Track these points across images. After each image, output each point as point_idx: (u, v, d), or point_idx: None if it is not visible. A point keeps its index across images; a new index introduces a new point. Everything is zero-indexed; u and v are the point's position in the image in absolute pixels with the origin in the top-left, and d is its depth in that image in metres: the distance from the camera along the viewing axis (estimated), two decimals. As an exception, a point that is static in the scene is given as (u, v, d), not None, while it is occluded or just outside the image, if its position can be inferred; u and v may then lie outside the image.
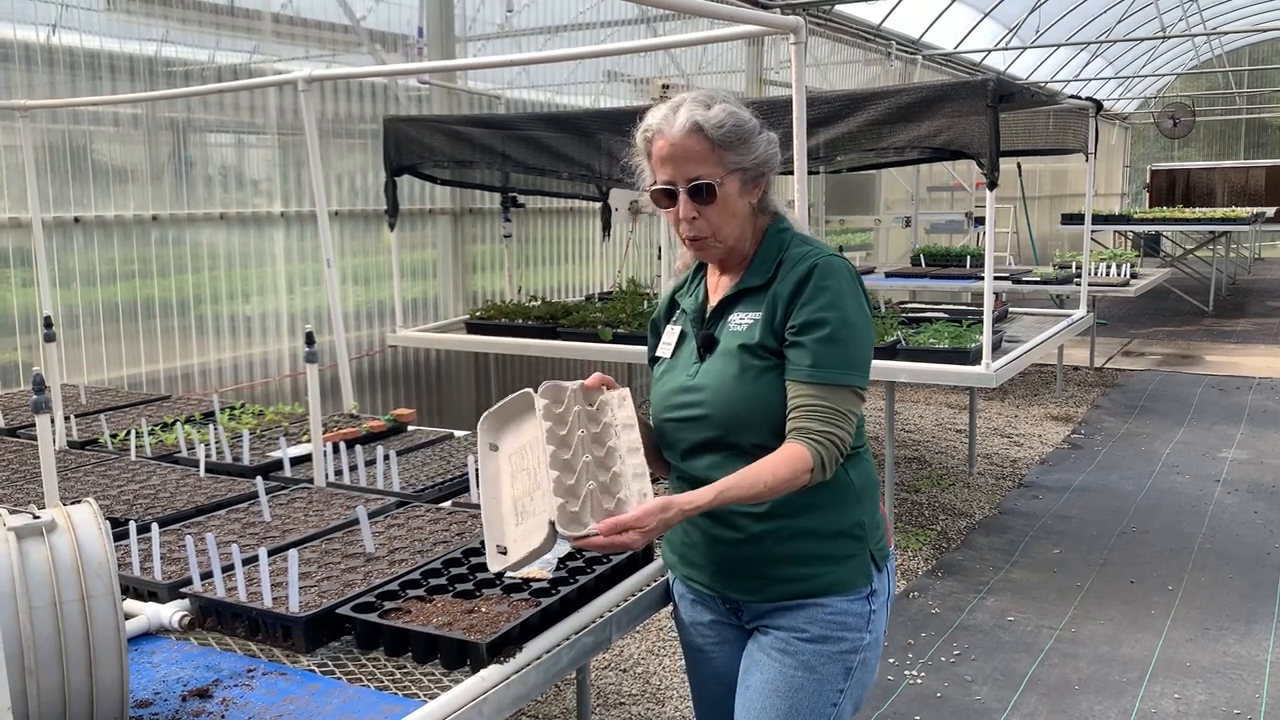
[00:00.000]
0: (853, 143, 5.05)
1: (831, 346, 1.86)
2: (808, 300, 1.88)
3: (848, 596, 1.94)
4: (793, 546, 1.93)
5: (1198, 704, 3.76)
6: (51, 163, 4.91)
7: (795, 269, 1.92)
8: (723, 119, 1.88)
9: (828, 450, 1.83)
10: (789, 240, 1.99)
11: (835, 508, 1.93)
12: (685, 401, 1.98)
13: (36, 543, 1.53)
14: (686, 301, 2.11)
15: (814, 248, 1.97)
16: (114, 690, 1.55)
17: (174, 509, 2.60)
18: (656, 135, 1.91)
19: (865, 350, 1.92)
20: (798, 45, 2.98)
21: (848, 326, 1.88)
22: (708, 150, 1.88)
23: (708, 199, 1.90)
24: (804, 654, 1.92)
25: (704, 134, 1.88)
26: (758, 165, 1.94)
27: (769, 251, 1.99)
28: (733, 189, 1.93)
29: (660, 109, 1.93)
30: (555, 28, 8.17)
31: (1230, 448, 7.22)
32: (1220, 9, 18.37)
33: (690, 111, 1.88)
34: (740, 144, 1.91)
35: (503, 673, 1.80)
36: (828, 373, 1.86)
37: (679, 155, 1.89)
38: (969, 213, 13.09)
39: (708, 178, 1.90)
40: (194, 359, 5.53)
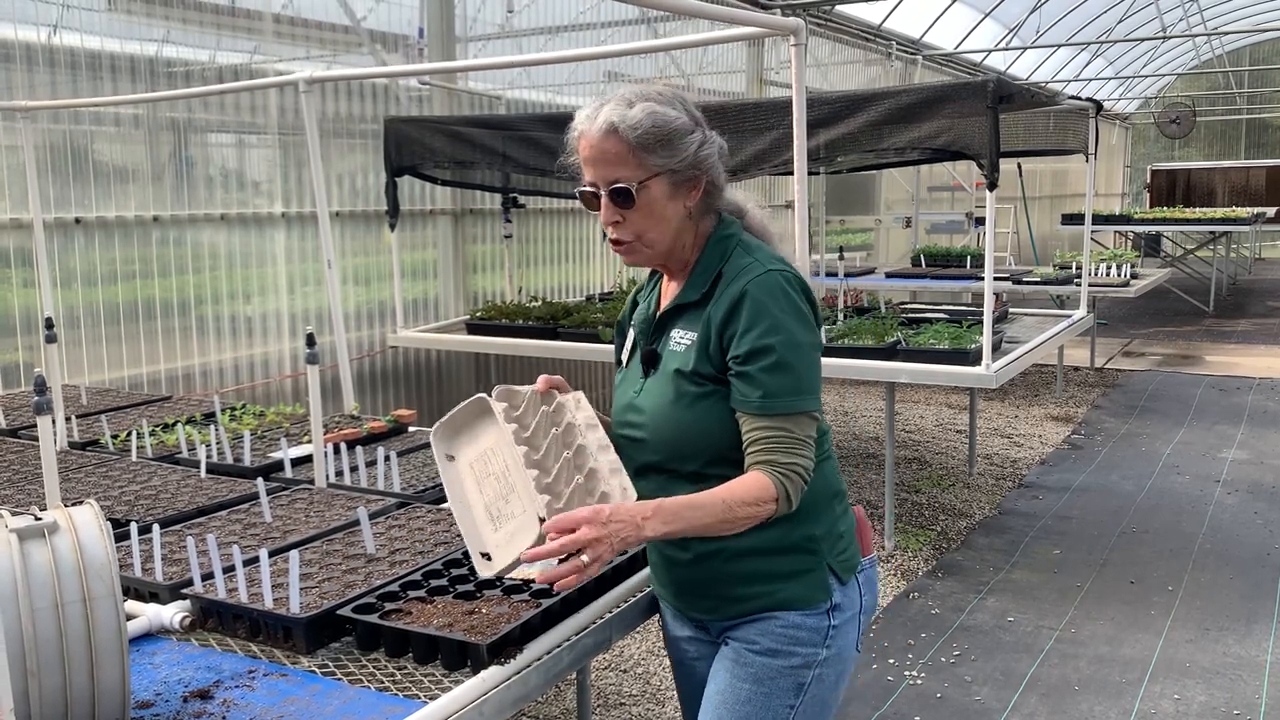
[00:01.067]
0: (853, 143, 5.06)
1: (781, 374, 1.78)
2: (748, 326, 1.80)
3: (803, 612, 1.87)
4: (740, 565, 1.87)
5: (1197, 704, 3.76)
6: (52, 163, 4.92)
7: (730, 288, 1.84)
8: (640, 119, 1.79)
9: (793, 482, 1.77)
10: (731, 248, 1.90)
11: (781, 523, 1.84)
12: (630, 420, 1.95)
13: (38, 544, 1.54)
14: (640, 308, 2.05)
15: (754, 259, 1.86)
16: (116, 691, 1.56)
17: (175, 510, 2.60)
18: (581, 136, 1.85)
19: (815, 369, 1.85)
20: (798, 47, 2.99)
21: (794, 349, 1.80)
22: (626, 152, 1.81)
23: (628, 203, 1.83)
24: (753, 666, 1.87)
25: (619, 135, 1.80)
26: (688, 168, 1.85)
27: (709, 261, 1.90)
28: (658, 193, 1.84)
29: (588, 107, 1.86)
30: (556, 28, 8.17)
31: (1230, 448, 7.22)
32: (1221, 9, 18.38)
33: (610, 111, 1.81)
34: (663, 146, 1.82)
35: (503, 674, 1.81)
36: (782, 402, 1.78)
37: (599, 157, 1.82)
38: (969, 213, 13.09)
39: (626, 181, 1.82)
40: (195, 360, 5.53)
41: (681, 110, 1.86)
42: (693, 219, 1.91)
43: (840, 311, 6.68)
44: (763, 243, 1.96)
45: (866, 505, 6.07)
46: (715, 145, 1.90)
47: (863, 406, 8.80)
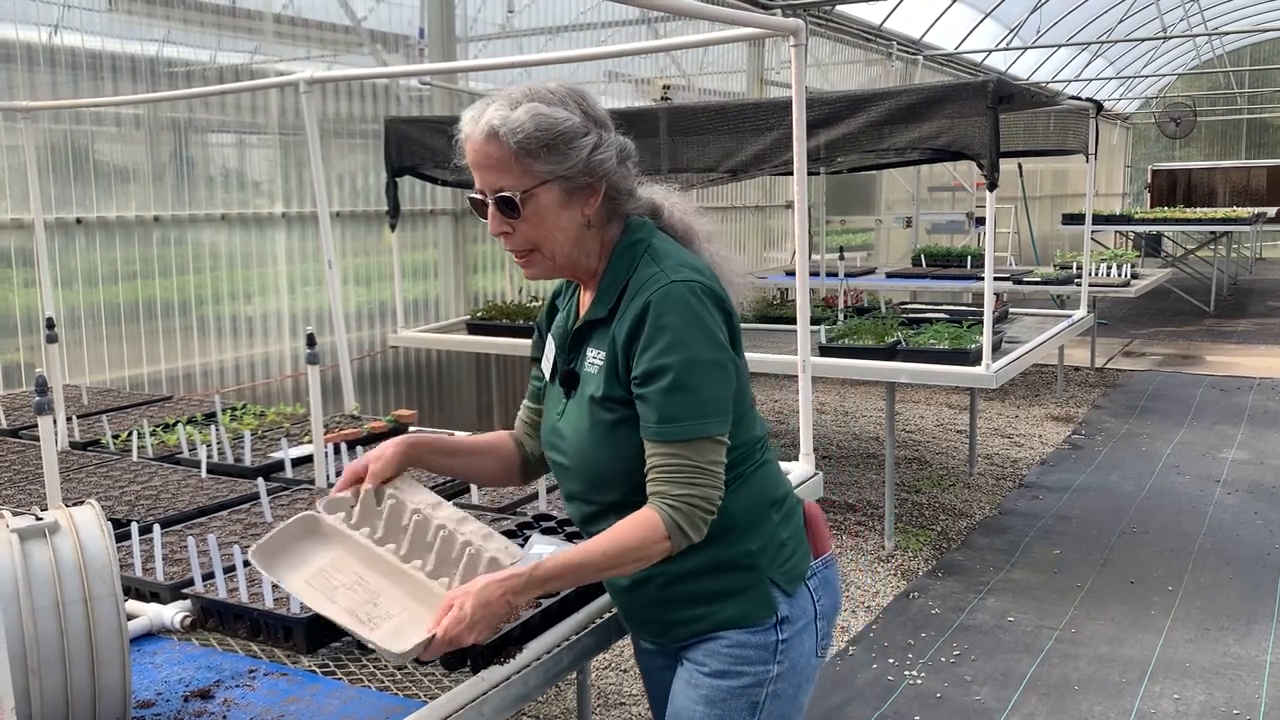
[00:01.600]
0: (853, 143, 5.06)
1: (679, 396, 1.65)
2: (646, 344, 1.67)
3: (748, 629, 1.78)
4: (676, 590, 1.79)
5: (1197, 704, 3.76)
6: (53, 163, 4.92)
7: (634, 303, 1.70)
8: (523, 123, 1.66)
9: (687, 515, 1.64)
10: (639, 257, 1.76)
11: (713, 543, 1.74)
12: (554, 444, 1.86)
13: (39, 544, 1.54)
14: (558, 317, 1.93)
15: (660, 269, 1.72)
16: (116, 691, 1.56)
17: (176, 510, 2.60)
18: (465, 139, 1.73)
19: (719, 388, 1.69)
20: (798, 47, 2.99)
21: (694, 369, 1.66)
22: (509, 158, 1.68)
23: (514, 212, 1.70)
24: (704, 688, 1.80)
25: (500, 140, 1.67)
26: (582, 173, 1.71)
27: (616, 272, 1.77)
28: (549, 200, 1.71)
29: (474, 108, 1.73)
30: (556, 28, 8.17)
31: (1231, 448, 7.22)
32: (1221, 9, 18.38)
33: (492, 113, 1.69)
34: (549, 151, 1.68)
35: (503, 673, 1.81)
36: (679, 427, 1.65)
37: (482, 163, 1.71)
38: (970, 213, 13.09)
39: (511, 189, 1.69)
40: (195, 360, 5.54)
41: (574, 111, 1.73)
42: (595, 227, 1.78)
43: (840, 311, 6.68)
44: (680, 246, 1.83)
45: (867, 505, 6.07)
46: (613, 148, 1.77)
47: (863, 406, 8.80)
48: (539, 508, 2.58)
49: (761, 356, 5.64)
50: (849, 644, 4.30)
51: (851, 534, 5.61)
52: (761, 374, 9.55)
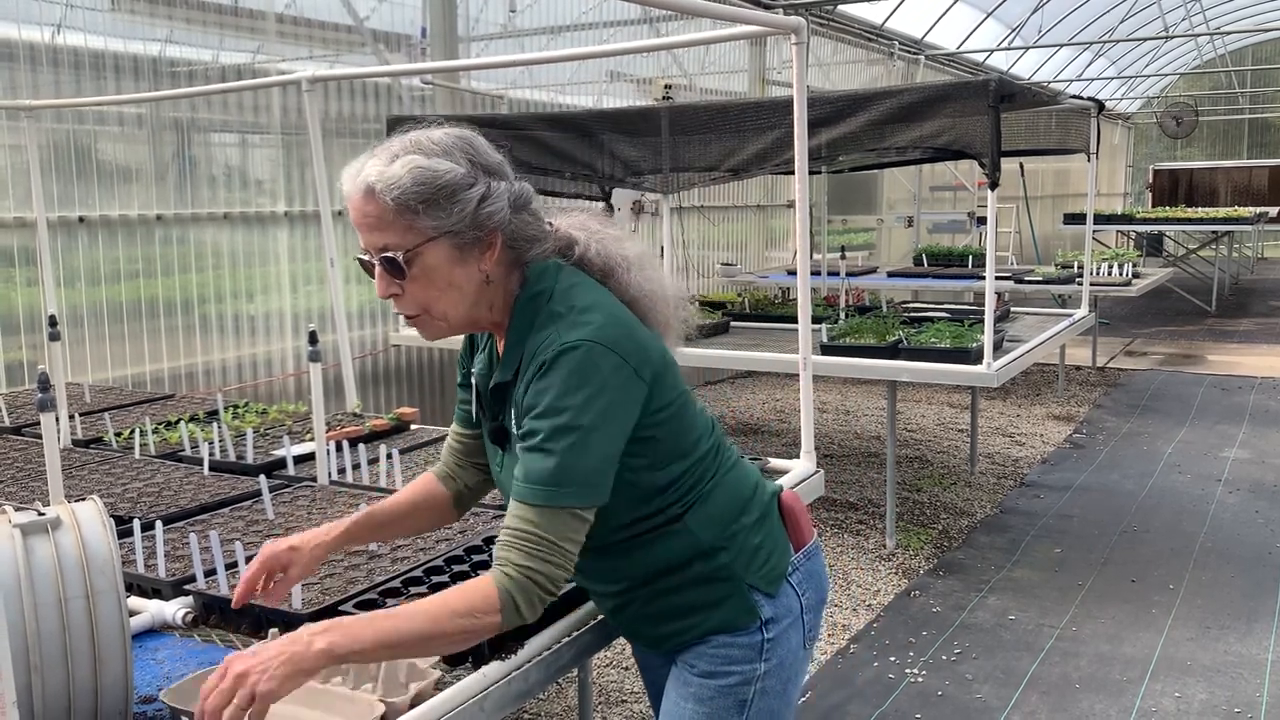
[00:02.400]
0: (855, 143, 5.06)
1: (540, 460, 1.56)
2: (529, 406, 1.59)
3: (732, 634, 1.77)
4: (661, 605, 1.78)
5: (1198, 703, 3.76)
6: (56, 162, 4.93)
7: (530, 366, 1.61)
8: (399, 177, 1.55)
9: (525, 592, 1.54)
10: (540, 311, 1.65)
11: (686, 564, 1.74)
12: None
13: (41, 540, 1.55)
14: (479, 360, 1.81)
15: (555, 330, 1.60)
16: (118, 686, 1.56)
17: (178, 507, 2.61)
18: (346, 198, 1.61)
19: (588, 459, 1.56)
20: (799, 45, 2.99)
21: (562, 436, 1.55)
22: (390, 216, 1.57)
23: (399, 273, 1.59)
24: (693, 686, 1.79)
25: (377, 197, 1.56)
26: (471, 227, 1.60)
27: (518, 331, 1.67)
28: (438, 259, 1.59)
29: (355, 162, 1.62)
30: (558, 28, 8.18)
31: (1232, 447, 7.22)
32: (1223, 9, 18.36)
33: (370, 169, 1.58)
34: (431, 206, 1.56)
35: (504, 669, 1.81)
36: (534, 490, 1.56)
37: (362, 222, 1.59)
38: (971, 212, 13.09)
39: (394, 249, 1.58)
40: (198, 358, 5.55)
41: (459, 161, 1.60)
42: (496, 281, 1.66)
43: (842, 310, 6.68)
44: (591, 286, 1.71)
45: (868, 504, 6.07)
46: (504, 197, 1.63)
47: (864, 405, 8.80)
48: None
49: (763, 355, 5.65)
50: (850, 642, 4.31)
51: (853, 532, 5.61)
52: (763, 372, 9.56)
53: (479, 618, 1.52)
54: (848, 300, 7.10)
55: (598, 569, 1.81)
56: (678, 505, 1.73)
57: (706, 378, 9.92)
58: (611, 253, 1.78)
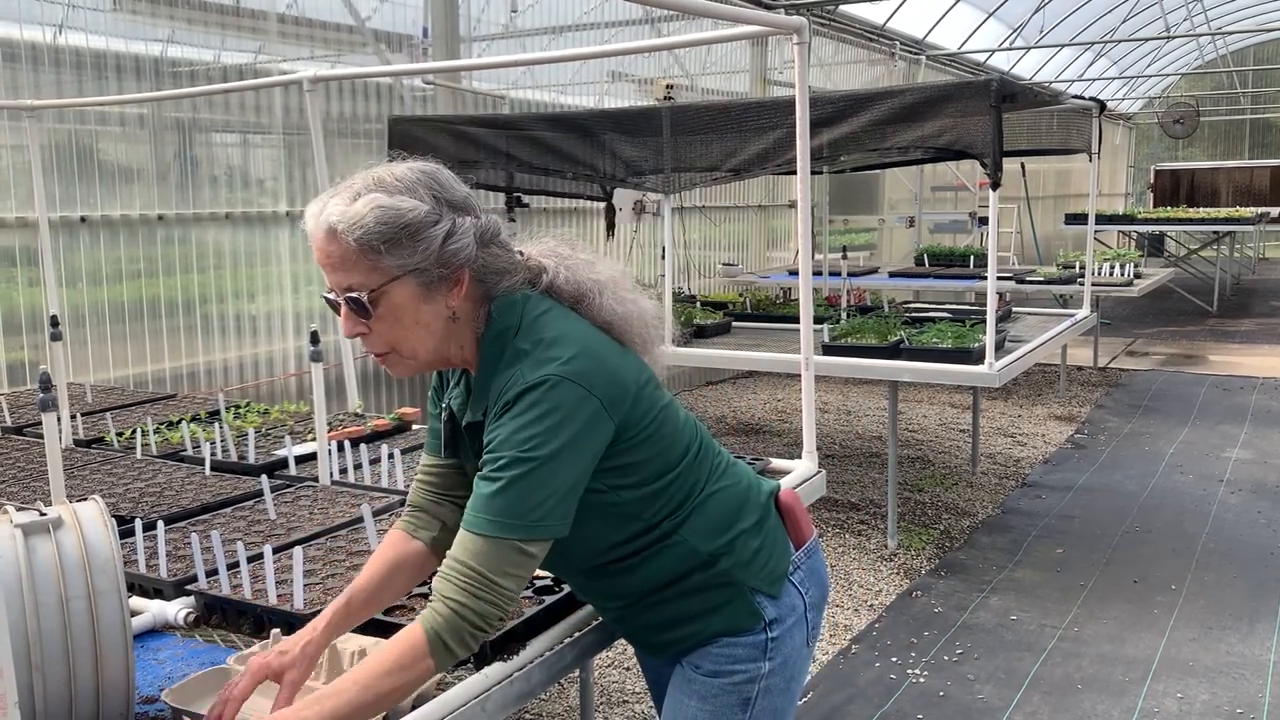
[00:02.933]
0: (856, 143, 5.06)
1: (489, 488, 1.53)
2: (495, 429, 1.57)
3: (737, 635, 1.77)
4: (662, 612, 1.77)
5: (1200, 703, 3.76)
6: (58, 162, 4.93)
7: (497, 407, 1.59)
8: (362, 216, 1.52)
9: (454, 630, 1.50)
10: (506, 347, 1.63)
11: (687, 574, 1.74)
12: None
13: (43, 540, 1.55)
14: (454, 394, 1.76)
15: (519, 369, 1.58)
16: (119, 686, 1.56)
17: (179, 507, 2.61)
18: (310, 237, 1.58)
19: (541, 492, 1.53)
20: (801, 45, 2.99)
21: (517, 465, 1.52)
22: (354, 255, 1.54)
23: (365, 314, 1.58)
24: (697, 684, 1.79)
25: (339, 237, 1.54)
26: (436, 264, 1.57)
27: (486, 369, 1.64)
28: (404, 297, 1.57)
29: (317, 200, 1.59)
30: (559, 28, 8.18)
31: (1234, 447, 7.22)
32: (1225, 9, 18.35)
33: (332, 208, 1.55)
34: (394, 246, 1.54)
35: (506, 670, 1.81)
36: (478, 520, 1.53)
37: (325, 262, 1.57)
38: (973, 213, 13.09)
39: (359, 289, 1.56)
40: (199, 358, 5.55)
41: (423, 197, 1.58)
42: (463, 318, 1.64)
43: (843, 310, 6.68)
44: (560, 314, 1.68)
45: (869, 504, 6.07)
46: (470, 233, 1.60)
47: (866, 405, 8.80)
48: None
49: (765, 355, 5.65)
50: (851, 642, 4.30)
51: (854, 533, 5.61)
52: (765, 372, 9.55)
53: (410, 669, 1.49)
54: (849, 300, 7.10)
55: (594, 589, 1.83)
56: (670, 520, 1.71)
57: (708, 378, 9.92)
58: (582, 279, 1.74)
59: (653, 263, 8.72)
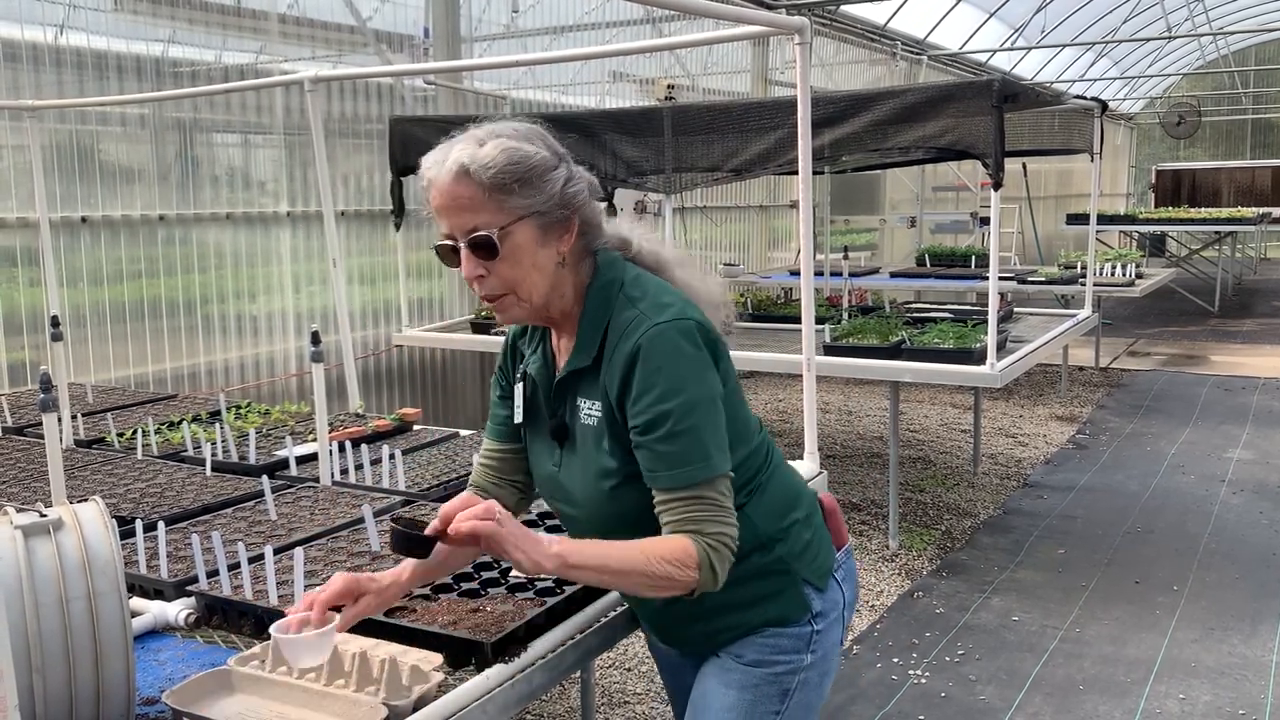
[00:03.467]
0: (857, 143, 5.06)
1: (684, 441, 1.62)
2: (641, 392, 1.63)
3: (784, 627, 1.81)
4: (714, 600, 1.74)
5: (1203, 704, 3.75)
6: (59, 163, 4.93)
7: (619, 350, 1.66)
8: (493, 158, 1.60)
9: (720, 555, 1.62)
10: (614, 297, 1.71)
11: (745, 557, 1.73)
12: (556, 495, 1.82)
13: (43, 541, 1.54)
14: (532, 361, 1.83)
15: (639, 311, 1.67)
16: (120, 687, 1.56)
17: (180, 507, 2.61)
18: (430, 184, 1.65)
19: (718, 425, 1.66)
20: (803, 45, 2.98)
21: (693, 411, 1.62)
22: (481, 196, 1.61)
23: (491, 253, 1.63)
24: (738, 673, 1.81)
25: (472, 178, 1.60)
26: (558, 206, 1.66)
27: (594, 316, 1.71)
28: (525, 238, 1.64)
29: (436, 151, 1.66)
30: (560, 28, 8.17)
31: (1236, 448, 7.21)
32: (1226, 9, 18.34)
33: (460, 152, 1.62)
34: (523, 185, 1.62)
35: (507, 672, 1.81)
36: (691, 471, 1.62)
37: (451, 205, 1.63)
38: (974, 213, 13.08)
39: (486, 228, 1.62)
40: (200, 358, 5.55)
41: (541, 145, 1.67)
42: (569, 266, 1.71)
43: (845, 311, 6.68)
44: (654, 278, 1.77)
45: (871, 505, 6.06)
46: (584, 181, 1.72)
47: (867, 406, 8.79)
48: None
49: (766, 355, 5.64)
50: (853, 643, 4.30)
51: (856, 533, 5.60)
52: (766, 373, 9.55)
53: (680, 570, 1.59)
54: (851, 301, 7.10)
55: None
56: (740, 493, 1.74)
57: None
58: (659, 251, 1.85)
59: (654, 263, 8.71)
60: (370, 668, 1.70)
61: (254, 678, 1.73)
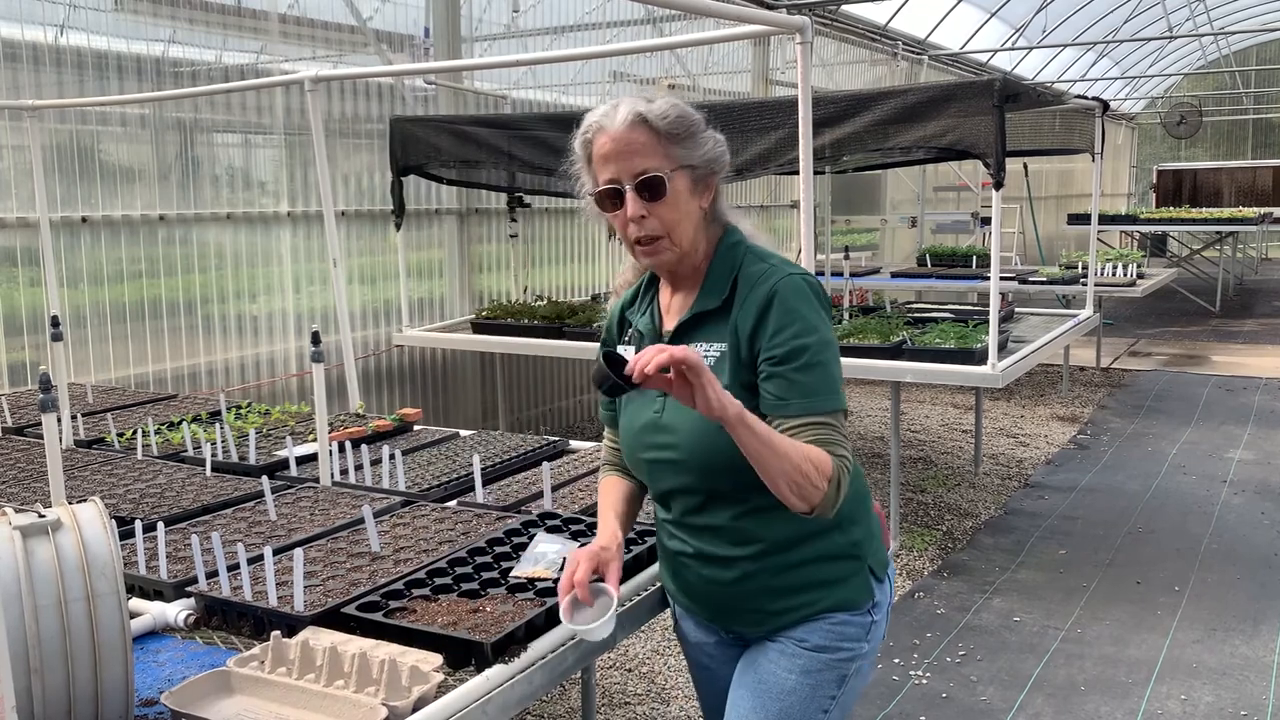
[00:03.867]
0: (859, 143, 5.05)
1: (818, 373, 1.76)
2: (779, 327, 1.77)
3: (849, 612, 1.88)
4: (789, 578, 1.85)
5: (1204, 705, 3.75)
6: (59, 163, 4.93)
7: (754, 293, 1.81)
8: (667, 110, 1.81)
9: (845, 478, 1.73)
10: (742, 255, 1.88)
11: (828, 533, 1.85)
12: (655, 442, 1.87)
13: (42, 541, 1.54)
14: (640, 321, 1.97)
15: (770, 265, 1.85)
16: (119, 689, 1.56)
17: (180, 508, 2.60)
18: (598, 133, 1.82)
19: (839, 367, 1.83)
20: (804, 45, 2.98)
21: (825, 349, 1.78)
22: (654, 142, 1.79)
23: (657, 194, 1.79)
24: (801, 659, 1.86)
25: (649, 125, 1.79)
26: (707, 164, 1.85)
27: (722, 267, 1.87)
28: (683, 186, 1.82)
29: (601, 109, 1.84)
30: (561, 28, 8.17)
31: (1237, 448, 7.20)
32: (1227, 9, 18.32)
33: (633, 104, 1.81)
34: (688, 138, 1.83)
35: (507, 672, 1.80)
36: (822, 400, 1.75)
37: (623, 150, 1.79)
38: (975, 213, 13.07)
39: (656, 170, 1.79)
40: (200, 358, 5.54)
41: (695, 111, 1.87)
42: (704, 223, 1.89)
43: (846, 311, 6.67)
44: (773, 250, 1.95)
45: (872, 505, 6.06)
46: (725, 147, 1.90)
47: (868, 406, 8.79)
48: (544, 506, 2.58)
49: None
50: (854, 644, 4.29)
51: (856, 534, 5.60)
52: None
53: (817, 476, 1.68)
54: (852, 301, 7.09)
55: (743, 529, 1.85)
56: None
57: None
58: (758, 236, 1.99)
59: (655, 263, 8.71)
60: (370, 668, 1.70)
61: (253, 679, 1.72)
